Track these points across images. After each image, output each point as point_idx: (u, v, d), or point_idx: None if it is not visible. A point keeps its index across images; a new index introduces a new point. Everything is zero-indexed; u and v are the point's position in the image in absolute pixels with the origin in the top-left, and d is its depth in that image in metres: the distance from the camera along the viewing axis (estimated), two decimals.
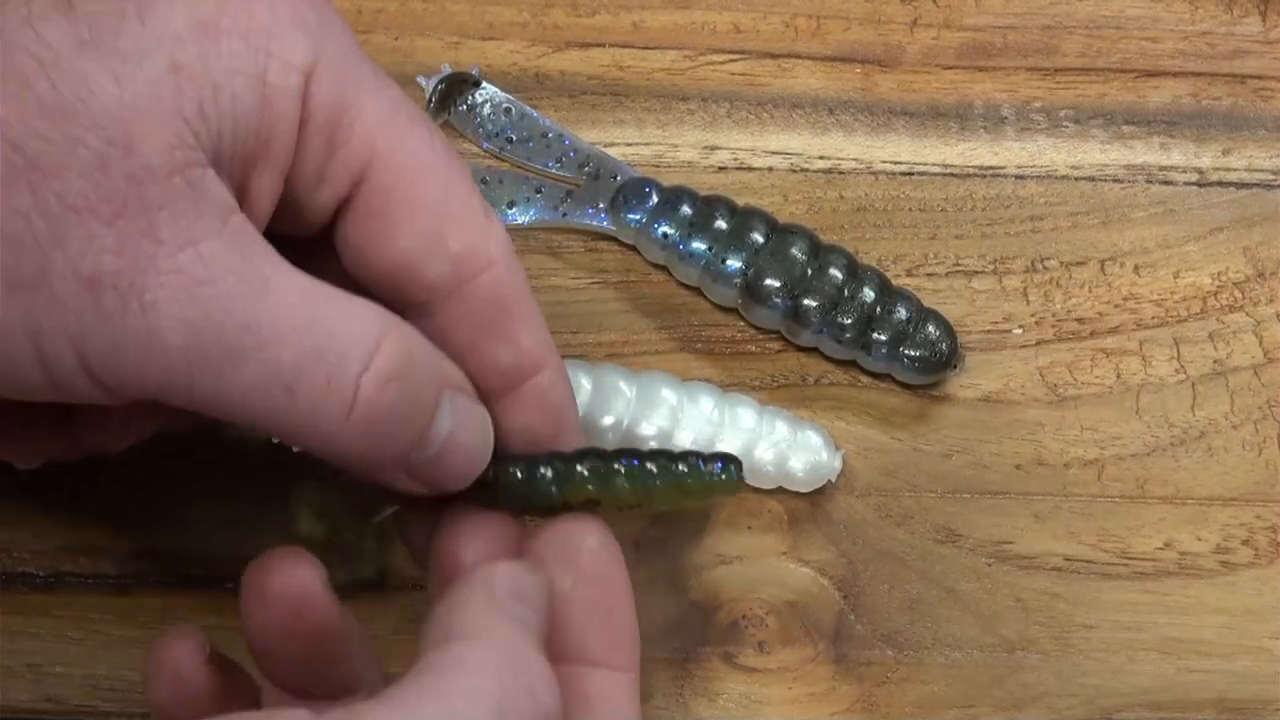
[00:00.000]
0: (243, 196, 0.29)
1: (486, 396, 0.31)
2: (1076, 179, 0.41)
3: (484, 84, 0.41)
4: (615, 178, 0.40)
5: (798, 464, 0.37)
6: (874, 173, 0.41)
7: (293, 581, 0.29)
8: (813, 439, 0.37)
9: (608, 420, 0.37)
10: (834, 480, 0.37)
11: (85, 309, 0.26)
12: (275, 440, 0.37)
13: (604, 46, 0.42)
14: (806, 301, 0.38)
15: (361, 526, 0.32)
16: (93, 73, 0.26)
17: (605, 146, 0.41)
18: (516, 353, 0.31)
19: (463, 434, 0.30)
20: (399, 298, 0.30)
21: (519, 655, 0.27)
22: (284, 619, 0.29)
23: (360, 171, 0.30)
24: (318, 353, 0.27)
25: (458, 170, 0.31)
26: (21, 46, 0.26)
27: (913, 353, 0.38)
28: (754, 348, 0.39)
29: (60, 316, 0.26)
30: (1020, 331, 0.39)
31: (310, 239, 0.31)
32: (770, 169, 0.41)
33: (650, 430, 0.37)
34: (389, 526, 0.32)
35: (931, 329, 0.38)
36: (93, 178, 0.26)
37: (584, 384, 0.37)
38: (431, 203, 0.30)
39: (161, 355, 0.27)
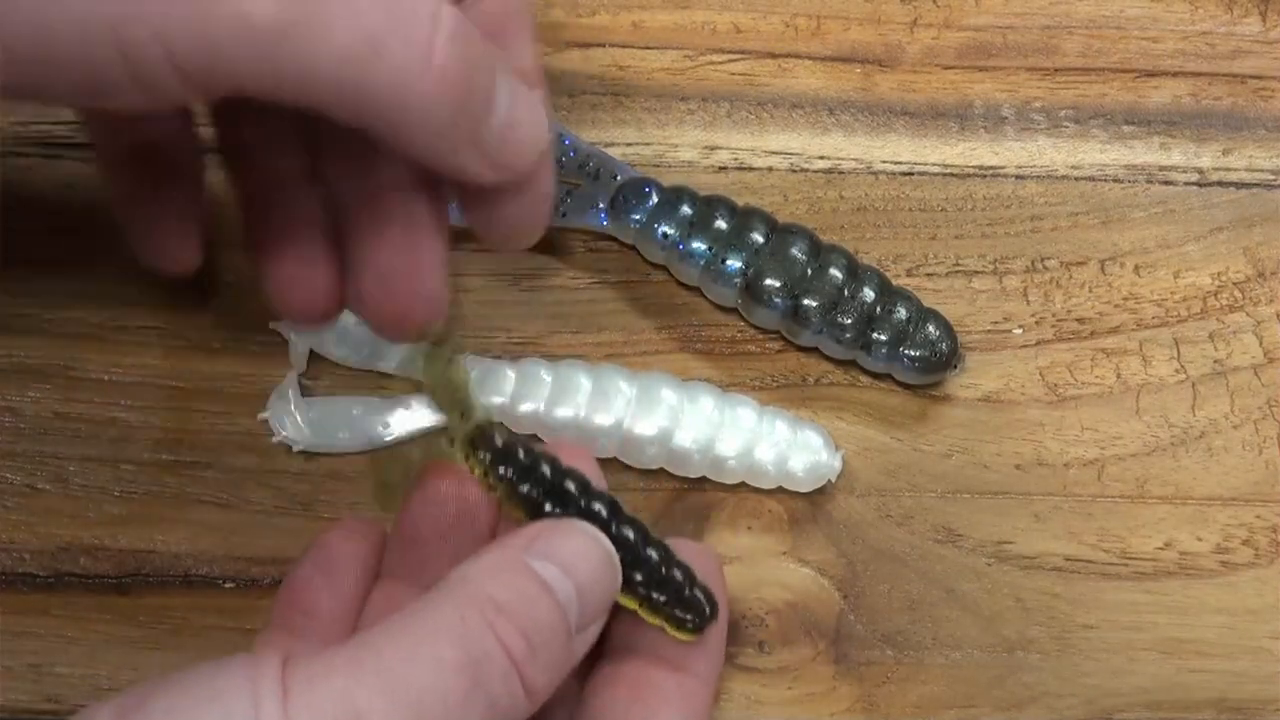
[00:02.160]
0: None
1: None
2: (1076, 179, 0.41)
3: None
4: (615, 178, 0.40)
5: (798, 464, 0.37)
6: (874, 173, 0.41)
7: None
8: (813, 439, 0.37)
9: (608, 420, 0.37)
10: (834, 480, 0.37)
11: (192, 22, 0.26)
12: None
13: (604, 46, 0.42)
14: (806, 301, 0.38)
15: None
16: None
17: (605, 146, 0.41)
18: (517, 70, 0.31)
19: (521, 108, 0.30)
20: None
21: (493, 602, 0.28)
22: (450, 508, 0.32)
23: None
24: (395, 16, 0.27)
25: None
26: None
27: (913, 353, 0.38)
28: (754, 348, 0.39)
29: (144, 6, 0.25)
30: (1020, 331, 0.39)
31: None
32: (770, 169, 0.41)
33: (650, 430, 0.37)
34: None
35: (931, 329, 0.38)
36: None
37: (584, 384, 0.37)
38: None
39: (251, 35, 0.26)
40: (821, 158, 0.41)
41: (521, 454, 0.32)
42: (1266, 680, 0.36)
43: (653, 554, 0.32)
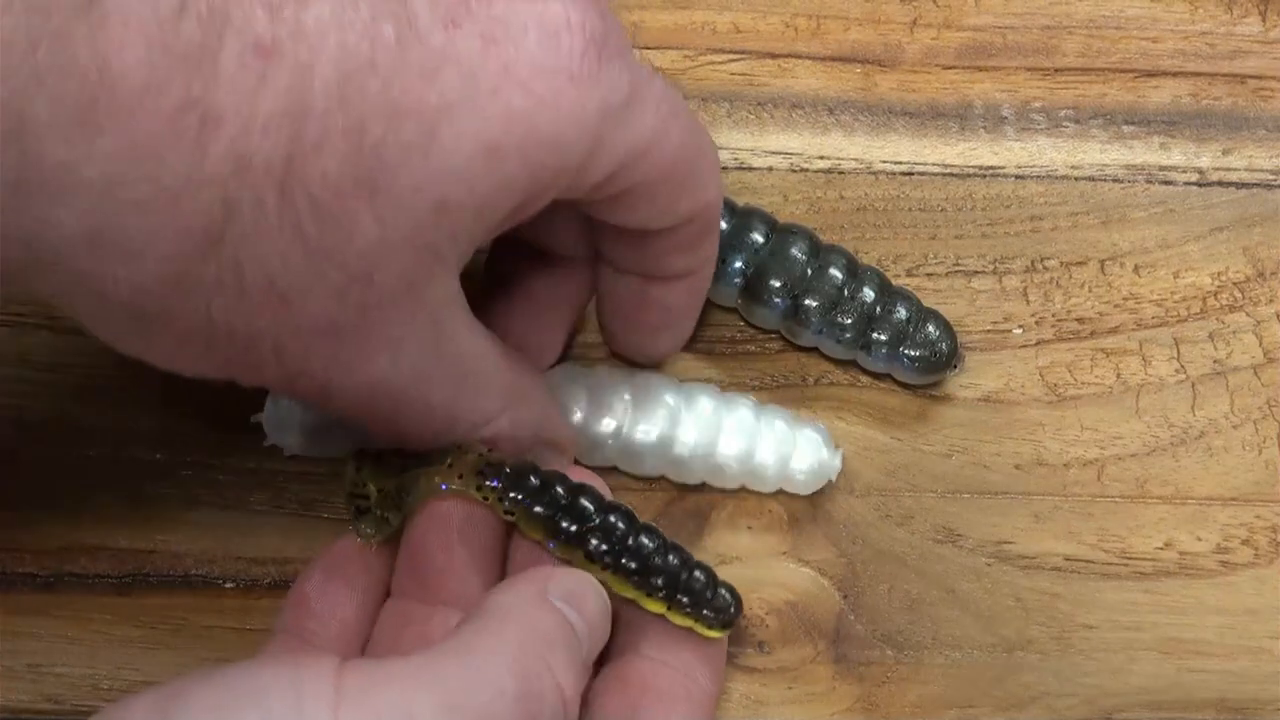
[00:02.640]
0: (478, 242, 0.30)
1: (648, 276, 0.35)
2: (1076, 179, 0.41)
3: None
4: None
5: (798, 464, 0.37)
6: (874, 173, 0.41)
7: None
8: (813, 439, 0.37)
9: (607, 423, 0.37)
10: (834, 480, 0.37)
11: (281, 384, 0.30)
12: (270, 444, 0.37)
13: None
14: (806, 301, 0.38)
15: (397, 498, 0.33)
16: (359, 215, 0.27)
17: None
18: (688, 263, 0.35)
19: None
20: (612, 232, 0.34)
21: (545, 638, 0.28)
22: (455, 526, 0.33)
23: (612, 192, 0.31)
24: (438, 426, 0.32)
25: (696, 146, 0.32)
26: (302, 186, 0.26)
27: (913, 353, 0.38)
28: (754, 348, 0.39)
29: (257, 379, 0.29)
30: (1020, 331, 0.39)
31: None
32: (770, 169, 0.41)
33: (649, 438, 0.36)
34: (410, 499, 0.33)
35: (931, 329, 0.38)
36: (328, 307, 0.27)
37: (582, 392, 0.37)
38: (669, 191, 0.32)
39: (327, 407, 0.31)
40: (821, 158, 0.41)
41: (532, 476, 0.32)
42: (1266, 680, 0.36)
43: (673, 559, 0.32)
